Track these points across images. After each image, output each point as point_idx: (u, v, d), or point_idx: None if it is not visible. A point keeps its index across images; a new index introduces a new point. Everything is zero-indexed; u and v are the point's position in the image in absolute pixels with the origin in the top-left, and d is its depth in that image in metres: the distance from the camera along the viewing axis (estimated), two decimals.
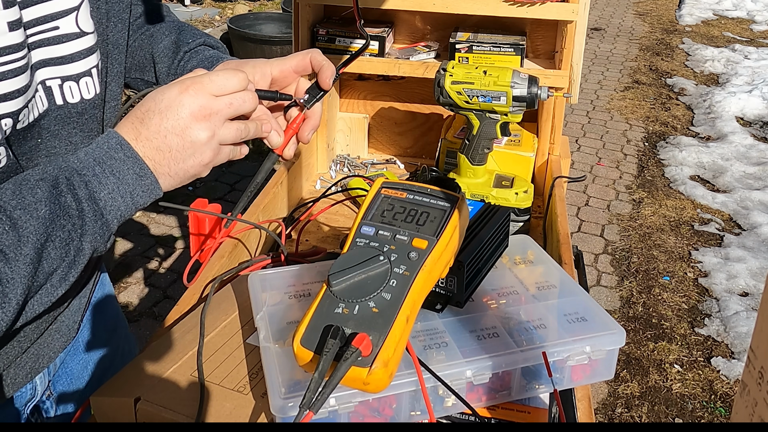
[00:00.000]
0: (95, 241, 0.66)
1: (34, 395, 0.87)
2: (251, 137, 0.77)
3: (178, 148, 0.68)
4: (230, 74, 0.72)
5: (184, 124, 0.68)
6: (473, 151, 1.21)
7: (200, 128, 0.69)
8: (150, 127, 0.68)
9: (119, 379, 0.74)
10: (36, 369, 0.84)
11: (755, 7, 7.27)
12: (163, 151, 0.68)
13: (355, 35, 1.42)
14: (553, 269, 0.90)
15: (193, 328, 0.82)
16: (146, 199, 0.69)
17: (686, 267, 3.08)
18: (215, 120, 0.70)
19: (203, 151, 0.70)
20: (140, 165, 0.67)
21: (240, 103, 0.72)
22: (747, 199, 3.58)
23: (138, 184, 0.67)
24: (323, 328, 0.65)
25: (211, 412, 0.69)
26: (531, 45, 1.47)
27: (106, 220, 0.66)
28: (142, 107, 0.69)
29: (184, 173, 0.70)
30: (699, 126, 4.53)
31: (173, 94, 0.69)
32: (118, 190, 0.66)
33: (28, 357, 0.81)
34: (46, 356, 0.85)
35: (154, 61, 0.92)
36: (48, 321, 0.82)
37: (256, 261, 0.98)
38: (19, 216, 0.60)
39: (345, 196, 1.29)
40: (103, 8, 0.78)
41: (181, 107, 0.68)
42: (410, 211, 0.75)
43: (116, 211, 0.66)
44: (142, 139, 0.68)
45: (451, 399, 0.71)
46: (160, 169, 0.68)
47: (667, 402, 2.35)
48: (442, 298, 0.81)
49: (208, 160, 0.71)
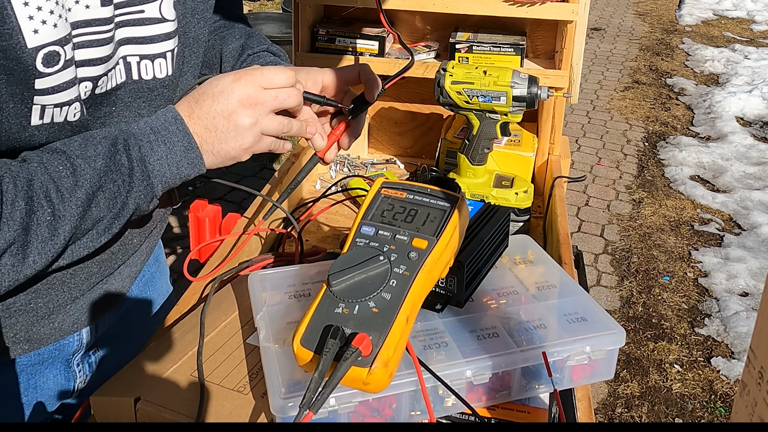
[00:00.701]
0: (139, 199, 0.74)
1: (80, 347, 0.93)
2: (294, 134, 0.84)
3: (224, 129, 0.77)
4: (280, 70, 0.80)
5: (232, 109, 0.77)
6: (473, 151, 1.21)
7: (245, 114, 0.77)
8: (202, 107, 0.77)
9: (119, 379, 0.74)
10: (82, 322, 0.89)
11: (755, 7, 7.27)
12: (210, 131, 0.76)
13: (355, 35, 1.42)
14: (553, 269, 0.90)
15: (193, 328, 0.82)
16: (190, 171, 0.77)
17: (686, 267, 3.08)
18: (260, 109, 0.78)
19: (245, 135, 0.78)
20: (189, 139, 0.76)
21: (285, 98, 0.80)
22: (747, 199, 3.58)
23: (184, 156, 0.76)
24: (323, 328, 0.65)
25: (211, 412, 0.69)
26: (531, 45, 1.47)
27: (151, 182, 0.74)
28: (200, 90, 0.79)
29: (226, 153, 0.78)
30: (699, 126, 4.53)
31: (227, 82, 0.78)
32: (166, 158, 0.75)
33: (75, 307, 0.87)
34: (92, 312, 0.91)
35: (221, 60, 1.01)
36: (98, 278, 0.88)
37: (256, 261, 0.98)
38: (79, 164, 0.69)
39: (345, 196, 1.29)
40: (189, 4, 0.85)
41: (231, 94, 0.77)
42: (410, 211, 0.75)
43: (162, 176, 0.75)
44: (194, 118, 0.76)
45: (451, 399, 0.71)
46: (205, 146, 0.77)
47: (667, 402, 2.35)
48: (442, 298, 0.81)
49: (248, 145, 0.79)
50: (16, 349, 0.83)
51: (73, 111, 0.72)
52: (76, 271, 0.83)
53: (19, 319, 0.81)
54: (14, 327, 0.81)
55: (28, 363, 0.87)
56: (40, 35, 0.65)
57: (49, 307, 0.83)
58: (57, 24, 0.67)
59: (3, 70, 0.65)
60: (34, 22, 0.65)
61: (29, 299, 0.80)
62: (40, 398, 0.90)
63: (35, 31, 0.65)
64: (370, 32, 1.43)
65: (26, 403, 0.89)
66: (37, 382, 0.89)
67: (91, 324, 0.92)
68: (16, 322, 0.81)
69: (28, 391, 0.88)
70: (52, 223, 0.67)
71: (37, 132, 0.70)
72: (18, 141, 0.70)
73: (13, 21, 0.63)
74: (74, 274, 0.83)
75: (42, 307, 0.82)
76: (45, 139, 0.71)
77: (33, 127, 0.70)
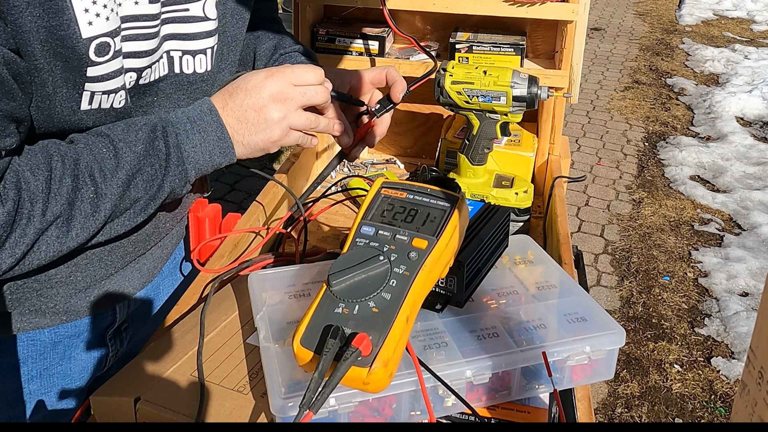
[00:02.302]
0: (174, 182, 0.80)
1: (113, 322, 0.99)
2: (321, 131, 0.89)
3: (254, 122, 0.82)
4: (309, 68, 0.85)
5: (263, 103, 0.82)
6: (473, 151, 1.20)
7: (275, 109, 0.82)
8: (236, 100, 0.82)
9: (119, 379, 0.74)
10: (115, 298, 0.96)
11: (755, 7, 7.27)
12: (241, 122, 0.82)
13: (355, 35, 1.42)
14: (553, 269, 0.90)
15: (193, 328, 0.82)
16: (221, 159, 0.82)
17: (686, 267, 3.08)
18: (289, 105, 0.83)
19: (273, 129, 0.83)
20: (222, 130, 0.81)
21: (313, 94, 0.85)
22: (747, 199, 3.58)
23: (217, 145, 0.81)
24: (323, 328, 0.65)
25: (211, 412, 0.69)
26: (531, 45, 1.47)
27: (185, 167, 0.80)
28: (234, 84, 0.84)
29: (255, 145, 0.83)
30: (699, 126, 4.53)
31: (260, 78, 0.83)
32: (201, 146, 0.80)
33: (110, 283, 0.94)
34: (125, 289, 0.97)
35: (255, 58, 1.06)
36: (132, 257, 0.94)
37: (256, 261, 0.98)
38: (121, 147, 0.76)
39: (345, 196, 1.29)
40: (230, 5, 0.90)
41: (263, 89, 0.82)
42: (410, 211, 0.75)
43: (195, 162, 0.80)
44: (228, 110, 0.82)
45: (451, 399, 0.71)
46: (237, 137, 0.82)
47: (667, 402, 2.35)
48: (442, 298, 0.81)
49: (276, 138, 0.84)
50: (55, 319, 0.90)
51: (118, 99, 0.78)
52: (113, 249, 0.89)
53: (59, 291, 0.87)
54: (54, 298, 0.87)
55: (66, 334, 0.93)
56: (94, 27, 0.71)
57: (87, 281, 0.89)
58: (109, 17, 0.73)
59: (60, 57, 0.70)
60: (89, 15, 0.71)
61: (69, 272, 0.87)
62: (74, 369, 0.97)
63: (89, 23, 0.71)
64: (370, 32, 1.43)
65: (61, 373, 0.95)
66: (72, 353, 0.95)
67: (124, 301, 0.98)
68: (57, 294, 0.87)
69: (63, 361, 0.95)
70: (95, 200, 0.73)
71: (85, 116, 0.76)
72: (68, 124, 0.76)
73: (70, 13, 0.69)
74: (111, 251, 0.90)
75: (80, 280, 0.89)
76: (92, 123, 0.78)
77: (82, 112, 0.76)
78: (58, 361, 0.94)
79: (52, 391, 0.95)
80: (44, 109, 0.73)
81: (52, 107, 0.74)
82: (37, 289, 0.85)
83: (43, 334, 0.90)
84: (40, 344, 0.91)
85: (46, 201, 0.70)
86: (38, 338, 0.91)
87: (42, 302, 0.87)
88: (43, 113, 0.74)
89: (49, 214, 0.70)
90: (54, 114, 0.74)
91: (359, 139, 0.98)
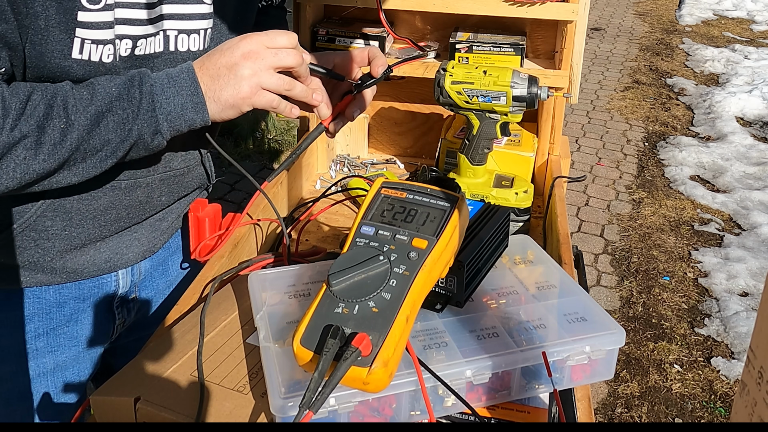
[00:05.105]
0: (142, 128, 0.83)
1: (117, 290, 1.05)
2: (297, 96, 0.91)
3: (225, 78, 0.86)
4: (283, 33, 0.89)
5: (234, 60, 0.86)
6: (473, 151, 1.21)
7: (245, 66, 0.86)
8: (211, 60, 0.87)
9: (119, 379, 0.74)
10: (114, 263, 1.02)
11: (755, 7, 7.27)
12: (214, 79, 0.86)
13: (355, 35, 1.42)
14: (553, 269, 0.90)
15: (193, 328, 0.82)
16: (194, 114, 0.85)
17: (686, 267, 3.08)
18: (260, 63, 0.86)
19: (242, 84, 0.86)
20: (195, 86, 0.85)
21: (284, 55, 0.88)
22: (747, 199, 3.58)
23: (189, 99, 0.85)
24: (323, 327, 0.65)
25: (211, 412, 0.69)
26: (531, 45, 1.47)
27: (156, 115, 0.83)
28: (214, 48, 0.89)
29: (225, 101, 0.86)
30: (699, 126, 4.53)
31: (235, 40, 0.88)
32: (174, 99, 0.84)
33: (107, 246, 1.00)
34: (124, 256, 1.03)
35: None
36: (126, 223, 1.00)
37: (256, 261, 0.98)
38: (97, 88, 0.81)
39: (345, 196, 1.29)
40: None
41: (236, 48, 0.86)
42: (410, 211, 0.75)
43: (167, 114, 0.84)
44: (203, 69, 0.86)
45: (451, 399, 0.71)
46: (209, 93, 0.86)
47: (667, 402, 2.35)
48: (442, 298, 0.81)
49: (245, 94, 0.86)
50: (56, 277, 0.96)
51: (107, 52, 0.84)
52: (106, 210, 0.95)
53: (55, 244, 0.93)
54: (51, 251, 0.94)
55: (70, 296, 1.00)
56: None
57: (81, 238, 0.95)
58: None
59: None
60: None
61: (63, 226, 0.93)
62: (80, 332, 1.03)
63: None
64: (370, 32, 1.43)
65: (68, 334, 1.01)
66: (79, 317, 1.02)
67: (124, 268, 1.04)
68: (53, 247, 0.93)
69: (70, 324, 1.01)
70: (64, 130, 0.78)
71: (75, 65, 0.82)
72: (58, 70, 0.81)
73: None
74: (104, 212, 0.95)
75: (75, 237, 0.95)
76: (81, 74, 0.83)
77: (72, 60, 0.81)
78: (65, 322, 1.00)
79: (58, 351, 1.01)
80: (37, 44, 0.78)
81: (45, 47, 0.79)
82: (35, 239, 0.92)
83: (47, 292, 0.97)
84: (45, 302, 0.98)
85: (17, 119, 0.76)
86: (43, 296, 0.98)
87: (40, 254, 0.94)
88: (36, 50, 0.79)
89: (17, 131, 0.75)
90: (46, 54, 0.79)
91: (338, 111, 0.99)
